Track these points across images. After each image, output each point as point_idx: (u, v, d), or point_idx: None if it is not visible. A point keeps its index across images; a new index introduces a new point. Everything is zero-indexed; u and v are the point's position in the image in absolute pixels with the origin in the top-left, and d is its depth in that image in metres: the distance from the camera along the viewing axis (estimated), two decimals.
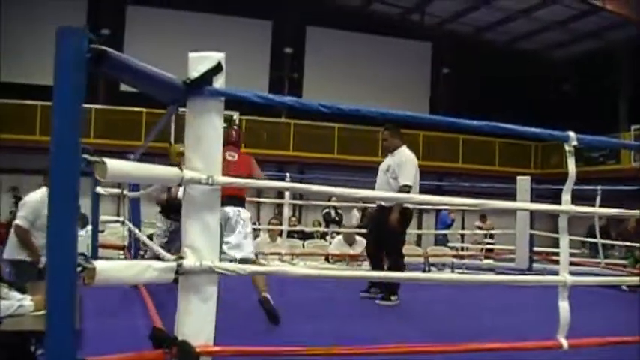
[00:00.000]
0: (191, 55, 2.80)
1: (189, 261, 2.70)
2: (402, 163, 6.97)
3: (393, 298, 6.67)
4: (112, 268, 2.52)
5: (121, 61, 2.41)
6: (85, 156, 2.34)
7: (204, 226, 2.76)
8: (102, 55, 2.28)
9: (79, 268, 2.30)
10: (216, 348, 2.75)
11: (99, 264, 2.39)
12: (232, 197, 5.99)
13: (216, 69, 2.76)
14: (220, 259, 2.89)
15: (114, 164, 2.40)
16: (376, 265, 7.14)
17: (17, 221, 6.74)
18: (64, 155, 2.22)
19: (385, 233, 6.89)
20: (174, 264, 2.67)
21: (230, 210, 5.98)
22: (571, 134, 3.85)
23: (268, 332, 4.72)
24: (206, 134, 2.76)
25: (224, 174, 2.87)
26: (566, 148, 3.83)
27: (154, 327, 2.85)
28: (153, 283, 2.68)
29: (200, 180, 2.71)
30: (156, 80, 2.66)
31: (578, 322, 3.73)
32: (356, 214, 14.03)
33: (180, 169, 2.69)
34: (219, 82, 2.79)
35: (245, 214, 6.03)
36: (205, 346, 2.70)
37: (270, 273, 3.45)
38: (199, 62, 2.77)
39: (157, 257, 3.38)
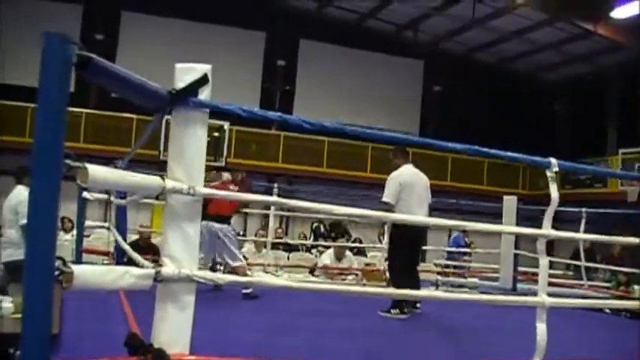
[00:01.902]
0: (178, 65, 2.82)
1: (168, 269, 2.71)
2: (387, 181, 7.16)
3: (393, 311, 6.80)
4: (89, 273, 2.53)
5: (106, 69, 2.43)
6: (68, 161, 2.35)
7: (184, 236, 2.77)
8: (87, 61, 2.30)
9: (57, 272, 2.31)
10: (192, 357, 2.76)
11: (77, 268, 2.40)
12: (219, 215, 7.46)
13: (202, 81, 2.78)
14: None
15: (95, 170, 2.41)
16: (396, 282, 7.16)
17: (25, 221, 6.57)
18: (46, 159, 2.23)
19: (389, 250, 7.49)
20: (152, 271, 2.68)
21: (218, 226, 7.47)
22: (552, 160, 3.88)
23: (247, 345, 4.72)
24: (189, 145, 2.78)
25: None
26: (548, 174, 3.87)
27: (129, 333, 2.85)
28: (131, 289, 2.68)
29: (182, 190, 2.73)
30: (141, 89, 2.68)
31: (558, 344, 3.75)
32: None
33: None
34: (204, 94, 2.80)
35: (229, 228, 7.63)
36: (181, 354, 2.71)
37: (251, 283, 3.45)
38: (186, 73, 2.79)
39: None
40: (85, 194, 7.93)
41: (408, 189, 7.11)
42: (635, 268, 11.32)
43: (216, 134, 18.82)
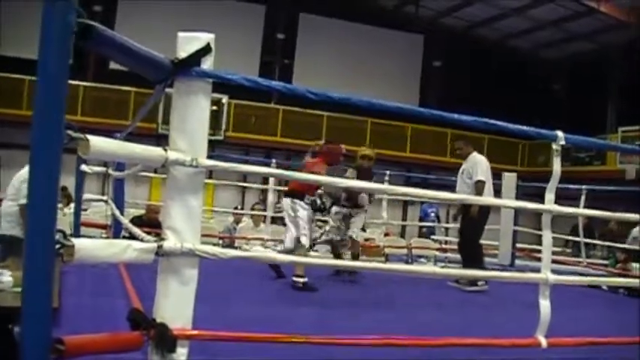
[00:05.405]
0: (180, 34, 2.75)
1: (170, 243, 2.67)
2: (475, 164, 7.96)
3: (479, 283, 7.37)
4: (91, 247, 2.49)
5: (108, 37, 2.36)
6: (69, 132, 2.29)
7: (187, 209, 2.72)
8: (89, 29, 2.23)
9: (58, 246, 2.26)
10: (194, 332, 2.73)
11: (78, 242, 2.36)
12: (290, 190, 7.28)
13: (205, 50, 2.72)
14: None
15: (97, 141, 2.36)
16: (467, 262, 7.89)
17: (24, 201, 6.55)
18: (46, 130, 2.17)
19: (464, 226, 7.96)
20: (154, 245, 2.64)
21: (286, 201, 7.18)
22: (559, 133, 3.85)
23: (245, 318, 4.69)
24: (192, 115, 2.72)
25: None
26: (554, 146, 3.84)
27: (132, 308, 2.81)
28: (132, 262, 2.64)
29: (184, 162, 2.67)
30: (144, 59, 2.61)
31: (558, 321, 3.73)
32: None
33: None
34: (207, 64, 2.74)
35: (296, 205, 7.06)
36: (183, 329, 2.68)
37: (252, 258, 3.41)
38: (188, 42, 2.73)
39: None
40: (84, 167, 7.88)
41: (488, 170, 7.98)
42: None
43: (214, 108, 18.75)
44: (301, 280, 6.41)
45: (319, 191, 7.46)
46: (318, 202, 7.45)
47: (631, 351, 4.23)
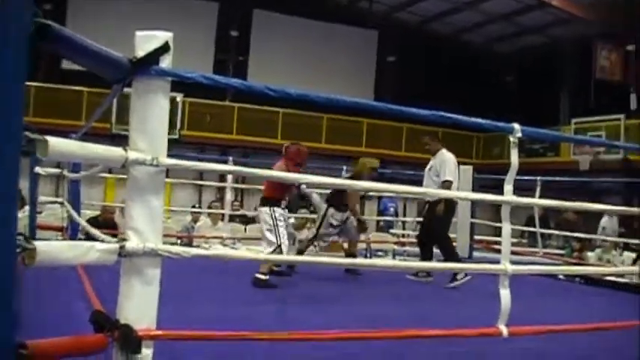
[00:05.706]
0: (138, 33, 2.73)
1: (132, 243, 2.64)
2: (443, 162, 8.02)
3: (458, 277, 7.41)
4: (53, 249, 2.45)
5: (65, 37, 2.33)
6: (27, 133, 2.26)
7: (148, 209, 2.69)
8: (45, 28, 2.20)
9: (19, 249, 2.23)
10: (159, 332, 2.71)
11: (39, 244, 2.32)
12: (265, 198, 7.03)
13: (164, 48, 2.71)
14: None
15: (56, 142, 2.33)
16: (426, 254, 8.15)
17: None
18: (4, 132, 2.13)
19: (431, 223, 7.98)
20: (116, 246, 2.62)
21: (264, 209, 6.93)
22: (515, 126, 3.90)
23: (209, 317, 4.68)
24: (151, 115, 2.70)
25: None
26: (511, 139, 3.89)
27: (95, 310, 2.78)
28: (95, 264, 2.61)
29: (145, 161, 2.65)
30: (101, 58, 2.58)
31: (517, 310, 3.79)
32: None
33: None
34: (165, 62, 2.73)
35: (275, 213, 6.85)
36: (147, 330, 2.66)
37: (216, 257, 3.40)
38: (146, 41, 2.71)
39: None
40: (38, 169, 7.75)
41: (455, 168, 8.15)
42: (590, 234, 11.67)
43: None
44: (264, 277, 6.44)
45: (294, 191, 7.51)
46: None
47: (588, 337, 4.34)
